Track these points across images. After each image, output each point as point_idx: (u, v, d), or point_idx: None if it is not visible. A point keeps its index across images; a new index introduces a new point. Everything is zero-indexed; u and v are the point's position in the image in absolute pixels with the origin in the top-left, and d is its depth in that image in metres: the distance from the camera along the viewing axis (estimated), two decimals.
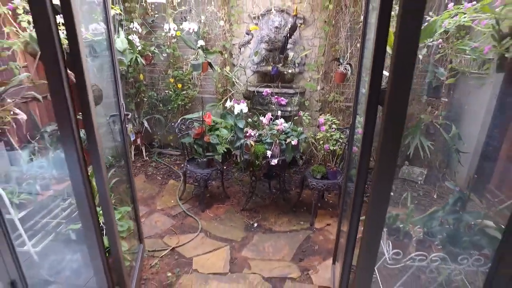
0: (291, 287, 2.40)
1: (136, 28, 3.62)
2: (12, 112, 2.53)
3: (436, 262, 1.91)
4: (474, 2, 1.76)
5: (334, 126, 3.16)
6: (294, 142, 2.94)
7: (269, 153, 2.89)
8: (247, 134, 3.00)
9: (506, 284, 1.24)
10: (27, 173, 2.69)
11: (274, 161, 2.91)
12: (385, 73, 1.32)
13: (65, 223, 2.55)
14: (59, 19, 1.30)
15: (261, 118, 3.05)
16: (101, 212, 1.87)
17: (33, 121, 2.82)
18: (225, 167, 4.07)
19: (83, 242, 2.54)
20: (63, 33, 1.37)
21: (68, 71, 1.36)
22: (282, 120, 3.01)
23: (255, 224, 3.18)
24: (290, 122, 3.23)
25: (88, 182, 1.61)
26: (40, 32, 1.24)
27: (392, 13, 1.23)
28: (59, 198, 2.79)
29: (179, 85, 4.28)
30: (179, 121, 3.43)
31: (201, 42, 3.37)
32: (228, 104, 3.06)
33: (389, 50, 1.30)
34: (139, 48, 3.74)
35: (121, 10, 3.71)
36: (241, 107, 2.98)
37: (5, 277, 1.95)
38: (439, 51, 2.91)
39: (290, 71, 4.03)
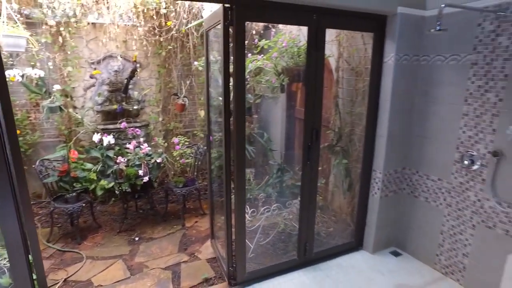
0: (186, 266, 3.08)
1: None
2: None
3: (275, 211, 3.06)
4: (262, 55, 3.06)
5: (186, 143, 4.04)
6: (159, 160, 3.63)
7: (141, 172, 3.47)
8: (117, 161, 3.47)
9: (306, 210, 2.43)
10: None
11: (146, 178, 3.51)
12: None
13: None
14: None
15: (128, 145, 3.59)
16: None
17: None
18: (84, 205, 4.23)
19: None
20: None
21: None
22: (146, 144, 3.64)
23: (137, 238, 3.63)
24: (150, 148, 3.88)
25: (25, 236, 1.92)
26: None
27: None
28: None
29: (18, 131, 4.17)
30: (37, 163, 3.50)
31: (57, 86, 3.59)
32: (96, 138, 3.45)
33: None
34: None
35: None
36: (109, 139, 3.44)
37: None
38: (247, 83, 4.28)
39: (135, 107, 4.65)
